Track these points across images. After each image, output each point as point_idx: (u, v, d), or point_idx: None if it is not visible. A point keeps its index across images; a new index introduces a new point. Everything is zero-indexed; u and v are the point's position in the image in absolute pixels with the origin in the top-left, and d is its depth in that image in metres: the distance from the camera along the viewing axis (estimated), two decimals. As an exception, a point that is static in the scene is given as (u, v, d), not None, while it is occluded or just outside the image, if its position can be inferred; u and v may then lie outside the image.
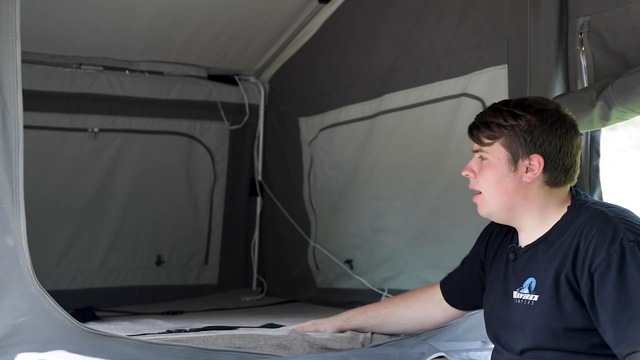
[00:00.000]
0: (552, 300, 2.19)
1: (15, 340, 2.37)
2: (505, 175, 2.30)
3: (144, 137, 4.94)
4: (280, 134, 5.20)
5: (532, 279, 2.28)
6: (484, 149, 2.33)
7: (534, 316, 2.23)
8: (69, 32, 4.43)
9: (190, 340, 2.66)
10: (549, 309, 2.20)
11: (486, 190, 2.35)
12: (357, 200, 4.53)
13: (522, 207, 2.31)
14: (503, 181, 2.30)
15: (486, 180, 2.34)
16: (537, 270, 2.27)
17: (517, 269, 2.35)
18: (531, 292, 2.26)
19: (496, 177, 2.31)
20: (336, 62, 4.69)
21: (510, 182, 2.30)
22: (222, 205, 5.25)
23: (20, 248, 2.39)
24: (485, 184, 2.34)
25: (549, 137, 2.28)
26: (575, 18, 3.06)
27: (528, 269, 2.31)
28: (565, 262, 2.17)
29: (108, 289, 4.86)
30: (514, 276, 2.35)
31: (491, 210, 2.37)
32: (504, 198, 2.31)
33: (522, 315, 2.28)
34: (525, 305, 2.27)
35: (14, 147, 2.40)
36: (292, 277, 5.02)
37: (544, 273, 2.24)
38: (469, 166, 2.39)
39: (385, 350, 2.81)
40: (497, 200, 2.33)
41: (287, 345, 2.79)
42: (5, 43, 2.40)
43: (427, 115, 4.04)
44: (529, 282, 2.28)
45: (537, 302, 2.23)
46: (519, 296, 2.30)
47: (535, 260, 2.29)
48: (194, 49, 4.89)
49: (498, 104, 2.39)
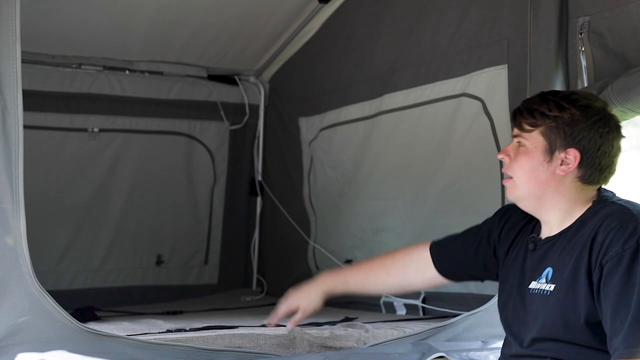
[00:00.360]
0: (567, 291, 2.19)
1: (15, 340, 2.37)
2: (539, 164, 2.30)
3: (144, 137, 4.94)
4: (280, 134, 5.20)
5: (550, 268, 2.27)
6: (523, 135, 2.33)
7: (549, 306, 2.23)
8: (69, 32, 4.43)
9: (190, 340, 2.66)
10: (564, 299, 2.19)
11: (518, 176, 2.34)
12: (357, 200, 4.53)
13: (551, 199, 2.31)
14: (536, 170, 2.30)
15: (520, 166, 2.33)
16: (556, 260, 2.27)
17: (536, 260, 2.34)
18: (548, 282, 2.26)
19: (530, 165, 2.31)
20: (336, 62, 4.68)
21: (543, 172, 2.30)
22: (222, 205, 5.25)
23: (20, 248, 2.39)
24: (518, 170, 2.34)
25: (590, 133, 2.26)
26: (575, 18, 3.06)
27: (547, 259, 2.30)
28: (583, 252, 2.17)
29: (108, 289, 4.86)
30: (532, 267, 2.34)
31: (519, 196, 2.36)
32: (534, 186, 2.31)
33: (538, 305, 2.27)
34: (541, 295, 2.27)
35: (14, 147, 2.40)
36: (292, 277, 5.01)
37: (562, 264, 2.23)
38: (505, 150, 2.39)
39: (385, 349, 2.81)
40: (526, 188, 2.33)
41: (287, 345, 2.79)
42: (5, 43, 2.40)
43: (427, 115, 4.04)
44: (546, 272, 2.28)
45: (553, 292, 2.23)
46: (536, 286, 2.30)
47: (555, 251, 2.28)
48: (194, 49, 4.89)
49: (546, 93, 2.38)
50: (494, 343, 2.90)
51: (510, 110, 3.51)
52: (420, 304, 3.99)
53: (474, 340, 2.96)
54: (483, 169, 3.72)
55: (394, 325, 3.21)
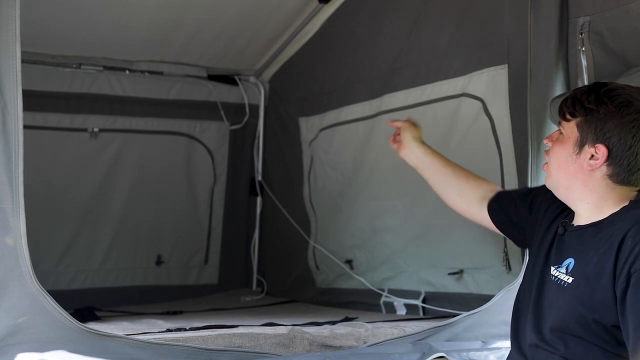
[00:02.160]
0: (586, 287, 2.16)
1: (15, 340, 2.37)
2: (569, 156, 2.30)
3: (144, 137, 4.94)
4: (280, 134, 5.20)
5: (572, 259, 2.25)
6: (563, 124, 2.34)
7: (564, 298, 2.21)
8: (69, 32, 4.43)
9: (190, 340, 2.66)
10: (581, 295, 2.16)
11: (551, 163, 2.37)
12: (357, 200, 4.53)
13: (579, 192, 2.30)
14: (565, 160, 2.31)
15: (555, 154, 2.35)
16: (580, 252, 2.24)
17: (561, 245, 2.33)
18: (567, 273, 2.24)
19: (561, 155, 2.32)
20: (336, 62, 4.68)
21: (571, 164, 2.30)
22: (222, 205, 5.25)
23: (20, 248, 2.39)
24: (553, 158, 2.36)
25: (621, 132, 2.21)
26: (576, 18, 3.06)
27: (571, 249, 2.28)
28: (610, 254, 2.14)
29: (108, 289, 4.86)
30: (556, 252, 2.34)
31: (552, 184, 2.39)
32: (564, 177, 2.32)
33: (553, 294, 2.26)
34: (558, 284, 2.25)
35: (14, 147, 2.40)
36: (292, 277, 5.02)
37: (586, 258, 2.21)
38: (551, 135, 2.41)
39: (385, 349, 2.81)
40: (557, 176, 2.35)
41: (287, 344, 2.79)
42: (5, 43, 2.40)
43: (427, 115, 4.03)
44: (567, 262, 2.26)
45: (571, 285, 2.20)
46: (555, 273, 2.29)
47: (581, 242, 2.26)
48: (194, 49, 4.89)
49: (595, 84, 2.35)
50: (494, 343, 2.90)
51: (511, 110, 3.54)
52: (420, 304, 3.99)
53: (474, 340, 2.96)
54: (483, 169, 3.70)
55: (394, 325, 3.21)
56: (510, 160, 3.54)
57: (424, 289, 4.04)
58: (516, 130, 3.47)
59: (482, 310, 3.02)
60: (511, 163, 3.54)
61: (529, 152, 3.08)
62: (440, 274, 3.97)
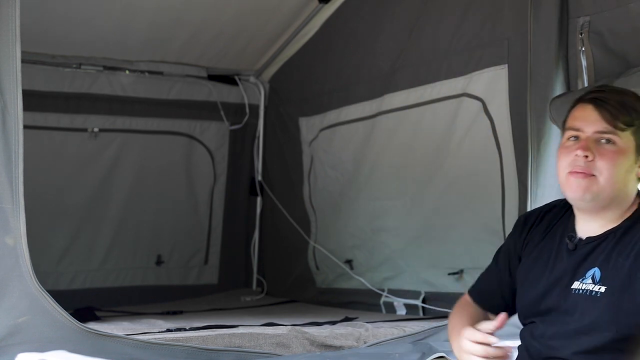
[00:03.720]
0: (624, 293, 2.09)
1: (15, 340, 2.38)
2: (630, 166, 2.19)
3: (144, 137, 4.94)
4: (280, 134, 5.20)
5: (596, 269, 2.18)
6: (618, 133, 2.16)
7: (598, 307, 2.13)
8: (69, 32, 4.43)
9: (190, 340, 2.66)
10: (618, 301, 2.10)
11: (608, 175, 2.16)
12: (357, 200, 4.53)
13: (619, 199, 2.21)
14: (627, 171, 2.19)
15: (614, 166, 2.16)
16: (604, 261, 2.17)
17: (577, 260, 2.23)
18: (596, 283, 2.15)
19: (624, 165, 2.18)
20: (336, 62, 4.68)
21: (630, 173, 2.19)
22: (222, 205, 5.25)
23: (20, 248, 2.39)
24: (610, 169, 2.17)
25: None
26: (576, 18, 3.06)
27: (592, 259, 2.20)
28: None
29: (108, 289, 4.86)
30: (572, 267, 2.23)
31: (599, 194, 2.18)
32: (620, 187, 2.19)
33: (584, 306, 2.16)
34: (587, 296, 2.16)
35: (14, 147, 2.40)
36: (292, 277, 5.02)
37: (614, 265, 2.14)
38: (586, 145, 2.17)
39: (385, 349, 2.81)
40: (613, 188, 2.17)
41: (286, 344, 2.79)
42: (5, 43, 2.40)
43: (427, 115, 4.04)
44: (592, 272, 2.18)
45: (605, 293, 2.12)
46: (580, 286, 2.18)
47: (602, 251, 2.19)
48: (194, 49, 4.89)
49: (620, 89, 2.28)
50: (494, 343, 2.89)
51: (511, 110, 3.53)
52: (420, 304, 3.99)
53: (474, 340, 2.95)
54: (483, 169, 3.72)
55: (394, 325, 3.21)
56: (510, 160, 3.54)
57: (424, 289, 4.04)
58: (516, 130, 3.48)
59: (482, 310, 3.01)
60: (511, 163, 3.54)
61: (529, 152, 3.08)
62: (440, 274, 3.97)
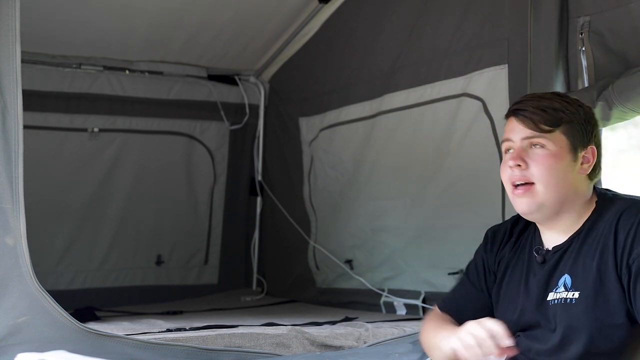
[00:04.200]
0: (597, 296, 2.08)
1: (15, 340, 2.37)
2: (568, 165, 2.16)
3: (144, 137, 4.94)
4: (280, 134, 5.20)
5: (567, 276, 2.16)
6: (544, 136, 2.16)
7: (576, 314, 2.11)
8: (69, 32, 4.43)
9: (190, 340, 2.66)
10: (595, 304, 2.09)
11: (544, 181, 2.15)
12: (357, 200, 4.53)
13: (571, 202, 2.18)
14: (565, 171, 2.16)
15: (548, 169, 2.15)
16: (572, 266, 2.15)
17: (547, 271, 2.21)
18: (568, 290, 2.14)
19: (559, 167, 2.15)
20: (336, 62, 4.68)
21: (570, 173, 2.16)
22: (222, 205, 5.25)
23: (20, 248, 2.39)
24: (545, 174, 2.15)
25: (597, 129, 2.25)
26: (576, 18, 3.06)
27: (561, 267, 2.18)
28: (606, 254, 2.08)
29: (108, 289, 4.86)
30: (544, 279, 2.21)
31: (543, 203, 2.16)
32: (562, 190, 2.16)
33: (559, 315, 2.14)
34: (563, 304, 2.14)
35: (14, 147, 2.40)
36: (292, 277, 5.02)
37: (582, 268, 2.13)
38: (518, 155, 2.19)
39: (385, 349, 2.81)
40: (553, 192, 2.15)
41: (286, 344, 2.79)
42: (5, 43, 2.40)
43: (427, 115, 4.04)
44: (563, 280, 2.16)
45: (579, 298, 2.11)
46: (555, 297, 2.17)
47: (568, 257, 2.17)
48: (194, 49, 4.89)
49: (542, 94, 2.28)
50: (494, 343, 2.89)
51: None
52: (420, 303, 3.99)
53: (474, 340, 2.95)
54: (483, 169, 3.72)
55: (394, 325, 3.21)
56: (510, 160, 3.54)
57: (424, 289, 4.04)
58: (516, 130, 3.47)
59: (482, 310, 3.01)
60: (511, 163, 3.53)
61: (529, 152, 3.07)
62: (440, 274, 3.96)
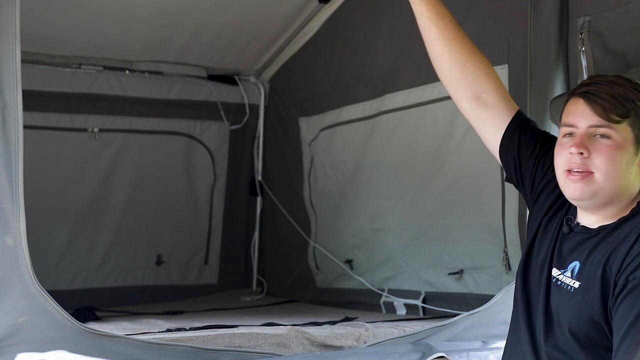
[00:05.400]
0: (595, 292, 2.06)
1: (15, 340, 2.37)
2: (630, 159, 2.08)
3: (144, 137, 4.94)
4: (280, 134, 5.20)
5: (577, 262, 2.12)
6: (613, 126, 2.07)
7: (571, 304, 2.10)
8: (69, 32, 4.43)
9: (190, 340, 2.66)
10: (591, 300, 2.06)
11: (604, 172, 2.07)
12: (357, 200, 4.53)
13: (621, 195, 2.11)
14: (626, 164, 2.07)
15: (611, 161, 2.06)
16: (586, 256, 2.11)
17: (565, 247, 2.18)
18: (573, 277, 2.12)
19: (623, 160, 2.07)
20: (336, 62, 4.68)
21: (630, 166, 2.08)
22: (222, 205, 5.25)
23: (20, 248, 2.39)
24: (607, 166, 2.07)
25: None
26: (576, 18, 3.06)
27: (577, 251, 2.14)
28: (616, 256, 2.04)
29: (108, 289, 4.86)
30: (559, 253, 2.18)
31: (598, 193, 2.09)
32: (619, 183, 2.08)
33: (558, 300, 2.14)
34: (563, 288, 2.13)
35: (14, 147, 2.40)
36: (292, 277, 5.02)
37: (592, 261, 2.09)
38: (582, 143, 2.08)
39: (385, 349, 2.81)
40: (610, 184, 2.08)
41: (286, 344, 2.79)
42: (5, 43, 2.40)
43: (427, 115, 4.04)
44: (572, 266, 2.13)
45: (578, 289, 2.09)
46: (560, 277, 2.14)
47: (587, 245, 2.13)
48: (194, 49, 4.89)
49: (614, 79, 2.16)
50: (494, 343, 2.90)
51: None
52: (420, 304, 3.99)
53: (474, 340, 2.96)
54: (483, 169, 3.72)
55: (394, 325, 3.21)
56: (510, 160, 3.54)
57: (424, 289, 4.04)
58: (516, 130, 3.47)
59: (482, 310, 3.02)
60: (511, 163, 3.53)
61: (529, 152, 3.07)
62: (440, 274, 3.97)
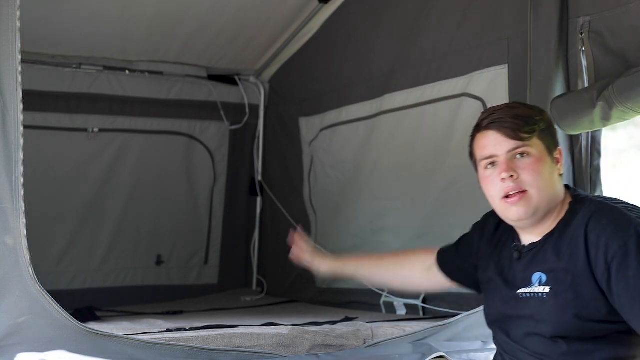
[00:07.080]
0: (567, 292, 2.17)
1: (15, 340, 2.38)
2: (550, 167, 2.26)
3: (144, 137, 4.94)
4: (280, 134, 5.20)
5: (541, 273, 2.25)
6: (527, 144, 2.24)
7: (548, 309, 2.21)
8: (69, 32, 4.43)
9: (190, 340, 2.66)
10: (564, 300, 2.18)
11: (536, 186, 2.23)
12: (357, 200, 4.53)
13: (553, 202, 2.27)
14: (550, 173, 2.26)
15: (538, 174, 2.23)
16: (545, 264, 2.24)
17: (522, 268, 2.31)
18: (542, 285, 2.23)
19: (546, 171, 2.24)
20: (336, 62, 4.68)
21: (553, 174, 2.27)
22: (222, 205, 5.25)
23: (20, 248, 2.39)
24: (536, 180, 2.23)
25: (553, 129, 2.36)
26: (576, 18, 3.07)
27: (535, 265, 2.27)
28: (578, 253, 2.16)
29: (108, 289, 4.86)
30: (519, 274, 2.31)
31: (538, 207, 2.24)
32: (550, 192, 2.25)
33: (534, 309, 2.25)
34: (536, 298, 2.24)
35: (14, 147, 2.40)
36: (292, 277, 5.02)
37: (554, 266, 2.22)
38: (506, 166, 2.24)
39: (385, 350, 2.81)
40: (544, 196, 2.24)
41: (286, 344, 2.79)
42: (5, 43, 2.40)
43: (427, 115, 4.04)
44: (538, 277, 2.25)
45: (550, 293, 2.21)
46: (528, 291, 2.26)
47: (542, 255, 2.26)
48: (194, 49, 4.89)
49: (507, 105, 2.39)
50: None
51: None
52: (420, 304, 3.99)
53: (474, 340, 2.96)
54: (483, 169, 3.72)
55: (394, 325, 3.21)
56: (510, 160, 3.54)
57: (424, 289, 4.04)
58: (516, 130, 3.47)
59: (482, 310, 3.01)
60: (511, 163, 3.54)
61: (529, 152, 3.08)
62: (440, 274, 3.96)
